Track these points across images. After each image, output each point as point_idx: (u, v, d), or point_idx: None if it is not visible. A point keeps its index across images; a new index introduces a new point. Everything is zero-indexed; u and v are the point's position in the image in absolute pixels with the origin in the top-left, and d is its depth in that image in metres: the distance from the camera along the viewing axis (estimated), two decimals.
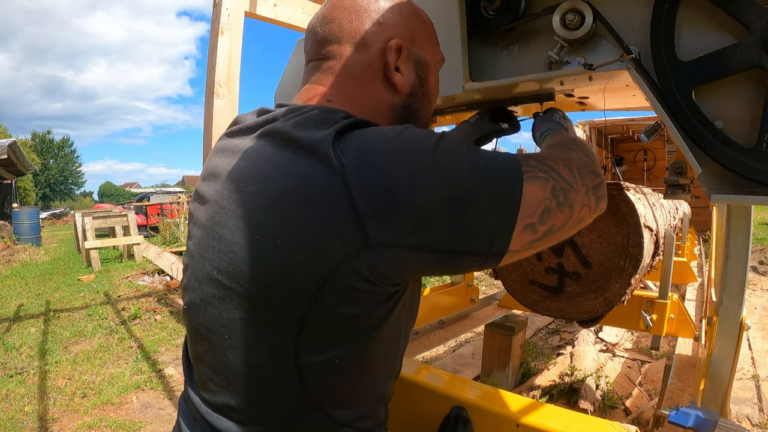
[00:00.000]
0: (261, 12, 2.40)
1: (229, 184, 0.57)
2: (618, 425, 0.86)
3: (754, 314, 3.74)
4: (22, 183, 22.23)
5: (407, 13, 0.67)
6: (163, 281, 5.92)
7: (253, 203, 0.53)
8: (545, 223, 0.55)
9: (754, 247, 6.29)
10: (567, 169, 0.59)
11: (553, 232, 0.57)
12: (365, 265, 0.49)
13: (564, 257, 1.41)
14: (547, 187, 0.55)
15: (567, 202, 0.57)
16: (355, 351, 0.56)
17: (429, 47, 0.71)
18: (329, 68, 0.65)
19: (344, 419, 0.59)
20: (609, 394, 2.33)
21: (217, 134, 2.21)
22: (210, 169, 0.65)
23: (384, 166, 0.49)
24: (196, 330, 0.62)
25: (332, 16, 0.65)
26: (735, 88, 0.77)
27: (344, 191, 0.48)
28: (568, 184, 0.58)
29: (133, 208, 12.06)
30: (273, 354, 0.54)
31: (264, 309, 0.53)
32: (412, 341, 2.10)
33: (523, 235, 0.54)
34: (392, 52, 0.64)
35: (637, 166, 7.01)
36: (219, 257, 0.56)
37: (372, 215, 0.48)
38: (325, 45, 0.65)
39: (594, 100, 1.36)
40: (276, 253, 0.51)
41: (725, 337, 1.23)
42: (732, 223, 1.21)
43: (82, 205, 35.79)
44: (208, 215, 0.60)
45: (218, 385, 0.59)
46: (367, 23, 0.64)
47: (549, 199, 0.55)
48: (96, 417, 2.55)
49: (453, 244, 0.51)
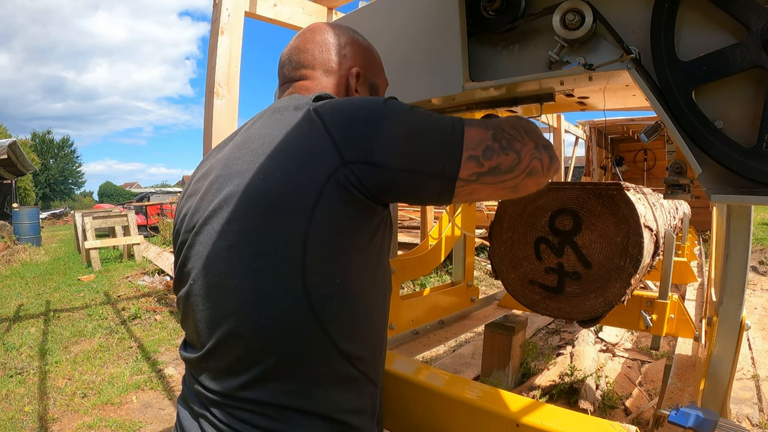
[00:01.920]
0: (261, 12, 2.40)
1: (231, 152, 0.71)
2: (618, 425, 0.86)
3: (754, 314, 3.74)
4: (22, 183, 22.22)
5: (363, 49, 0.88)
6: (163, 281, 5.92)
7: (258, 153, 0.66)
8: (490, 159, 0.66)
9: (754, 247, 6.29)
10: (510, 126, 0.71)
11: (501, 171, 0.67)
12: (344, 178, 0.62)
13: (564, 257, 1.41)
14: (488, 132, 0.67)
15: (512, 148, 0.67)
16: (352, 271, 0.66)
17: (379, 75, 0.91)
18: (303, 87, 0.82)
19: (352, 353, 0.67)
20: (609, 394, 2.33)
21: (217, 134, 2.21)
22: (202, 171, 0.78)
23: (350, 111, 0.66)
24: (207, 291, 0.67)
25: (306, 48, 0.84)
26: (735, 88, 0.77)
27: (323, 128, 0.64)
28: (511, 135, 0.69)
29: (133, 208, 12.07)
30: (283, 281, 0.62)
31: (271, 238, 0.62)
32: (412, 341, 2.10)
33: (469, 164, 0.65)
34: (353, 78, 0.84)
35: (637, 166, 7.01)
36: (228, 208, 0.65)
37: (343, 141, 0.62)
38: (300, 69, 0.83)
39: (594, 100, 1.36)
40: (277, 184, 0.63)
41: (725, 337, 1.23)
42: (732, 223, 1.21)
43: (82, 205, 35.79)
44: (209, 183, 0.71)
45: (228, 341, 0.65)
46: (334, 55, 0.83)
47: (490, 141, 0.66)
48: (96, 417, 2.55)
49: (410, 164, 0.64)
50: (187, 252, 0.71)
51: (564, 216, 1.40)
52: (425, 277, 5.05)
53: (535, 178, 0.70)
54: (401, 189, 0.66)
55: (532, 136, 0.71)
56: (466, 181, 0.65)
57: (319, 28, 0.86)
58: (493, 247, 1.58)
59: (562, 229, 1.41)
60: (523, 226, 1.50)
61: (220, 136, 2.22)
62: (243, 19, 2.21)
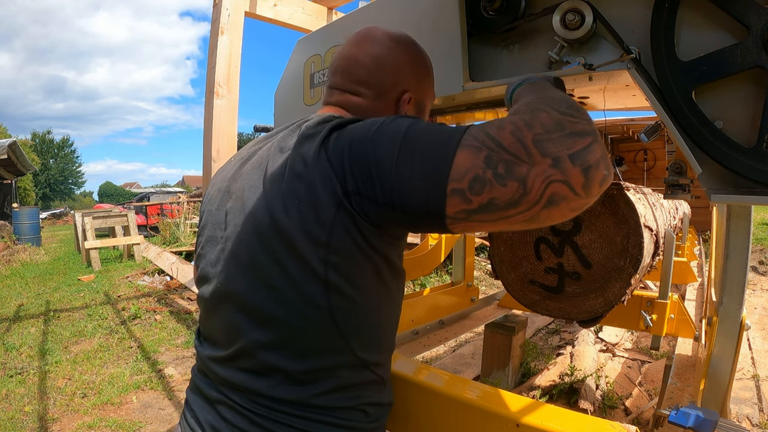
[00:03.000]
0: (261, 12, 2.40)
1: (255, 172, 0.72)
2: (618, 425, 0.86)
3: (754, 314, 3.74)
4: (22, 183, 22.22)
5: (418, 68, 0.84)
6: (163, 281, 5.92)
7: (279, 181, 0.67)
8: (479, 194, 0.52)
9: (754, 247, 6.29)
10: (513, 137, 0.52)
11: (498, 207, 0.52)
12: (352, 207, 0.61)
13: (564, 257, 1.41)
14: (479, 155, 0.52)
15: (511, 176, 0.51)
16: (371, 289, 0.68)
17: (429, 93, 0.88)
18: (352, 102, 0.81)
19: (371, 360, 0.72)
20: (609, 394, 2.33)
21: (217, 133, 2.21)
22: (233, 169, 0.80)
23: (348, 138, 0.64)
24: (232, 299, 0.70)
25: (363, 62, 0.80)
26: (735, 88, 0.77)
27: (326, 157, 0.63)
28: (513, 155, 0.51)
29: (133, 208, 12.07)
30: (307, 300, 0.65)
31: (295, 263, 0.64)
32: (412, 341, 2.10)
33: (454, 200, 0.54)
34: (404, 104, 0.81)
35: (637, 166, 7.01)
36: (255, 224, 0.67)
37: (341, 170, 0.62)
38: (353, 84, 0.81)
39: (594, 100, 1.36)
40: (296, 213, 0.63)
41: (725, 337, 1.23)
42: (732, 223, 1.21)
43: (82, 205, 35.79)
44: (236, 200, 0.73)
45: (256, 351, 0.68)
46: (388, 77, 0.80)
47: (481, 168, 0.52)
48: (96, 417, 2.55)
49: (398, 199, 0.59)
50: (211, 250, 0.75)
51: None
52: (425, 277, 5.05)
53: (563, 206, 0.51)
54: (401, 224, 0.64)
55: (550, 147, 0.50)
56: (456, 219, 0.56)
57: (379, 39, 0.81)
58: (493, 247, 1.58)
59: (562, 229, 1.41)
60: None
61: (220, 135, 2.22)
62: (243, 19, 2.22)
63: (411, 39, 0.85)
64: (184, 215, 9.30)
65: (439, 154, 0.55)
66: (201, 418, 0.72)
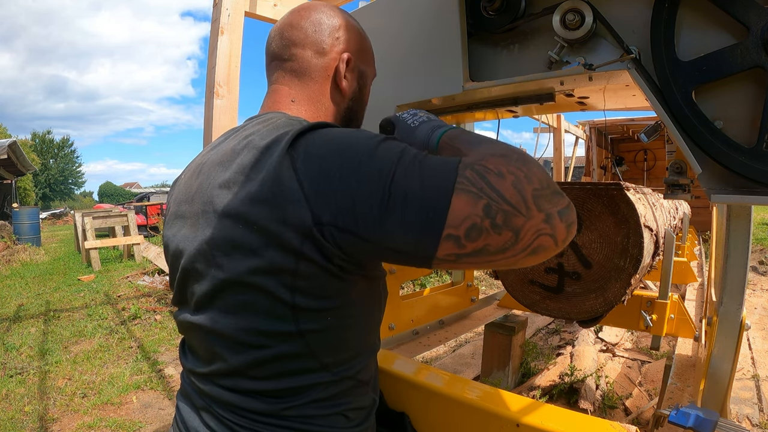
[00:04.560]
0: (261, 12, 2.40)
1: (215, 174, 0.68)
2: (618, 425, 0.86)
3: (754, 314, 3.74)
4: (22, 183, 22.20)
5: (356, 33, 0.84)
6: (163, 281, 5.92)
7: (239, 195, 0.62)
8: (475, 240, 0.52)
9: (754, 247, 6.29)
10: (515, 190, 0.52)
11: (488, 252, 0.53)
12: (322, 238, 0.57)
13: (564, 257, 1.41)
14: (478, 204, 0.52)
15: (508, 226, 0.52)
16: (343, 311, 0.66)
17: (369, 63, 0.87)
18: (292, 69, 0.79)
19: (346, 374, 0.70)
20: (609, 394, 2.33)
21: (217, 133, 2.21)
22: (186, 190, 0.75)
23: (326, 156, 0.58)
24: (202, 322, 0.68)
25: (299, 24, 0.80)
26: (735, 88, 0.77)
27: (295, 177, 0.58)
28: (513, 207, 0.52)
29: (133, 207, 12.07)
30: (276, 322, 0.63)
31: (261, 285, 0.61)
32: (412, 341, 2.10)
33: (447, 244, 0.53)
34: (343, 62, 0.80)
35: (637, 166, 7.01)
36: (215, 250, 0.64)
37: (314, 196, 0.56)
38: (290, 48, 0.79)
39: (594, 100, 1.36)
40: (259, 237, 0.59)
41: (725, 337, 1.23)
42: (732, 223, 1.21)
43: (82, 205, 35.77)
44: (195, 216, 0.69)
45: (230, 371, 0.67)
46: (326, 36, 0.79)
47: (479, 217, 0.52)
48: (96, 417, 2.55)
49: (384, 240, 0.55)
50: (182, 276, 0.72)
51: None
52: (425, 277, 5.05)
53: (542, 255, 0.55)
54: (379, 258, 0.62)
55: (544, 203, 0.53)
56: (443, 261, 0.55)
57: (315, 7, 0.82)
58: None
59: None
60: None
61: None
62: (243, 19, 2.21)
63: (349, 13, 0.85)
64: None
65: (435, 198, 0.53)
66: (188, 424, 0.73)
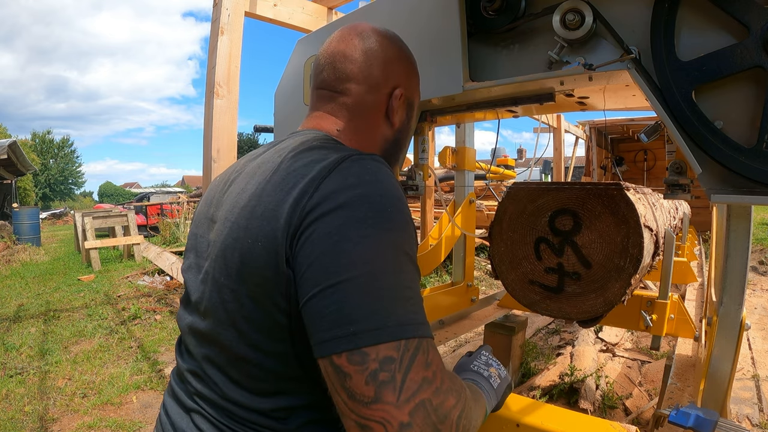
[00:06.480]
0: (261, 12, 2.40)
1: (240, 200, 0.68)
2: (618, 425, 0.86)
3: (754, 314, 3.74)
4: (22, 183, 22.19)
5: (407, 63, 0.83)
6: (163, 281, 5.92)
7: (254, 214, 0.63)
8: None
9: (754, 247, 6.29)
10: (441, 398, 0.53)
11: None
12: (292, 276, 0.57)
13: (564, 257, 1.41)
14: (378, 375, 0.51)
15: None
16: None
17: (417, 91, 0.87)
18: (344, 103, 0.78)
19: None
20: (609, 394, 2.33)
21: (217, 133, 2.21)
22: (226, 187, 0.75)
23: (335, 236, 0.55)
24: (206, 330, 0.69)
25: (353, 57, 0.78)
26: (735, 88, 0.77)
27: (298, 223, 0.57)
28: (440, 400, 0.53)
29: (133, 208, 12.06)
30: (272, 344, 0.63)
31: (261, 304, 0.61)
32: None
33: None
34: (396, 99, 0.79)
35: (637, 166, 7.02)
36: (226, 263, 0.65)
37: (293, 241, 0.57)
38: (344, 82, 0.78)
39: (594, 100, 1.36)
40: (262, 255, 0.59)
41: (725, 337, 1.23)
42: (732, 223, 1.21)
43: (82, 205, 35.76)
44: (217, 232, 0.69)
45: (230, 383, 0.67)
46: (380, 71, 0.78)
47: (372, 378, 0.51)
48: (96, 417, 2.55)
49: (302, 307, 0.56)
50: (193, 278, 0.74)
51: (564, 216, 1.40)
52: (425, 277, 5.05)
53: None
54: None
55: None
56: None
57: (366, 34, 0.79)
58: (493, 247, 1.58)
59: (562, 229, 1.41)
60: (523, 226, 1.50)
61: (220, 135, 2.22)
62: (243, 19, 2.22)
63: (397, 36, 0.84)
64: (184, 215, 9.31)
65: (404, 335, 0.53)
66: (177, 425, 0.72)
